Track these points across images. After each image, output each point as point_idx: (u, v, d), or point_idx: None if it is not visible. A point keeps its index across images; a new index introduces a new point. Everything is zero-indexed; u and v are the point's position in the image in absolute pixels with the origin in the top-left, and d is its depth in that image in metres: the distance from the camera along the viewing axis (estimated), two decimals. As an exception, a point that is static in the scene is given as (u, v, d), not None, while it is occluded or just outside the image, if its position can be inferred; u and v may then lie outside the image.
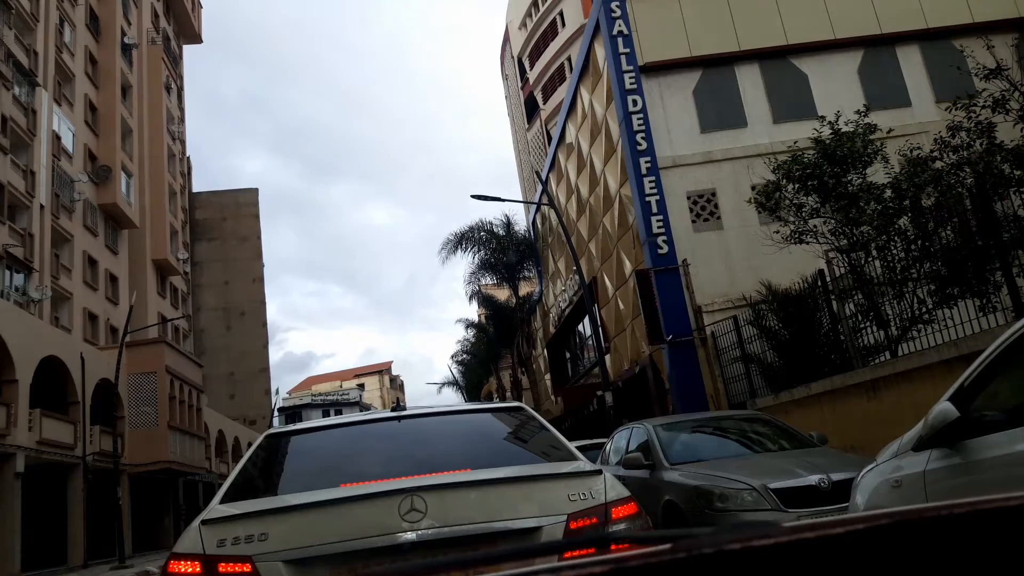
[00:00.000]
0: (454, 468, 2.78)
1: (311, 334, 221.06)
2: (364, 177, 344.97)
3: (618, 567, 0.62)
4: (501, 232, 32.36)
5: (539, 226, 30.63)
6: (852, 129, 11.29)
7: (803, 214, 12.09)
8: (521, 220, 33.93)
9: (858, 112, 11.63)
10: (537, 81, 48.69)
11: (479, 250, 32.49)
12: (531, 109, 51.01)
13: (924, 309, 10.05)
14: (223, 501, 2.78)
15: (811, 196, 11.82)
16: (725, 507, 5.40)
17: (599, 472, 2.79)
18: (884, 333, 10.74)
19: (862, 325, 11.14)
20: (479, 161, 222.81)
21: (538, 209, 30.08)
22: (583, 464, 2.92)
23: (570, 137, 22.81)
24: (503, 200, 18.51)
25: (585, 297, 17.05)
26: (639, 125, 16.69)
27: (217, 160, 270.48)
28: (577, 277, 23.51)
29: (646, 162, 16.50)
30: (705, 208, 16.73)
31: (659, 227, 16.16)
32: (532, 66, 49.84)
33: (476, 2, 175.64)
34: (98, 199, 36.93)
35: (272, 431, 3.53)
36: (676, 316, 15.67)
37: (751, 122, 17.37)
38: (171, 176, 50.01)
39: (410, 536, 2.43)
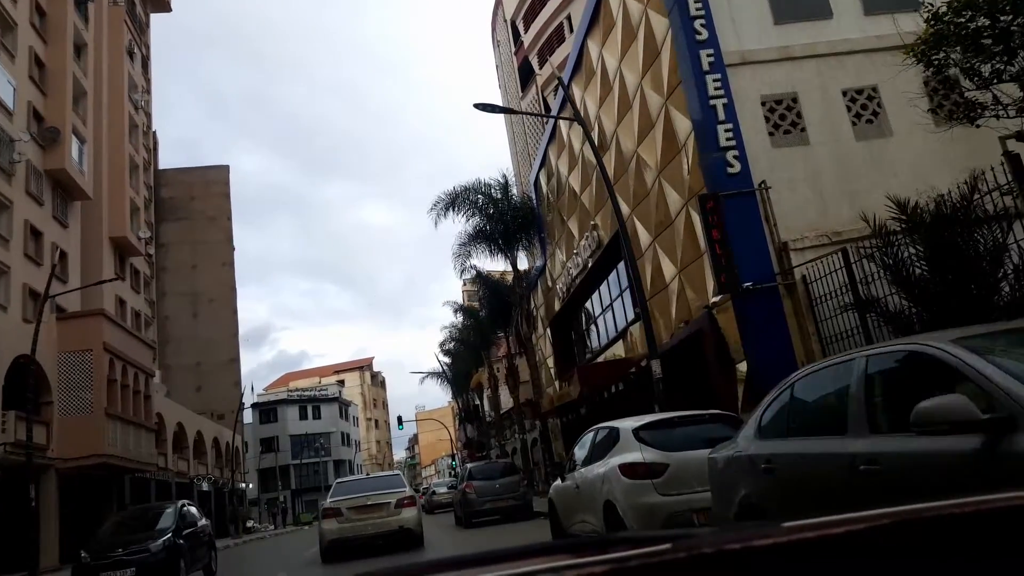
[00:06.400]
0: (379, 489, 13.44)
1: (305, 333, 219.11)
2: (359, 177, 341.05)
3: (618, 567, 0.62)
4: (499, 195, 28.23)
5: (542, 186, 26.55)
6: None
7: (977, 79, 8.20)
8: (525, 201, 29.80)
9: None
10: (532, 44, 44.66)
11: (474, 214, 28.32)
12: (525, 76, 46.97)
13: None
14: (331, 497, 13.49)
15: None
16: None
17: (405, 489, 13.62)
18: None
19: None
20: (477, 158, 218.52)
21: (543, 163, 25.98)
22: (405, 488, 13.72)
23: (592, 58, 18.71)
24: (514, 112, 14.46)
25: (621, 236, 12.95)
26: (697, 9, 12.69)
27: (215, 157, 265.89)
28: (596, 234, 19.50)
29: (708, 56, 12.52)
30: (785, 118, 12.76)
31: (728, 139, 12.18)
32: (527, 29, 45.83)
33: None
34: (44, 164, 32.80)
35: (338, 481, 14.98)
36: (752, 256, 11.70)
37: (837, 12, 13.43)
38: (133, 148, 45.81)
39: (368, 503, 12.88)
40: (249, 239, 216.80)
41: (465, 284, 58.19)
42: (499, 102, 57.56)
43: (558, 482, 9.21)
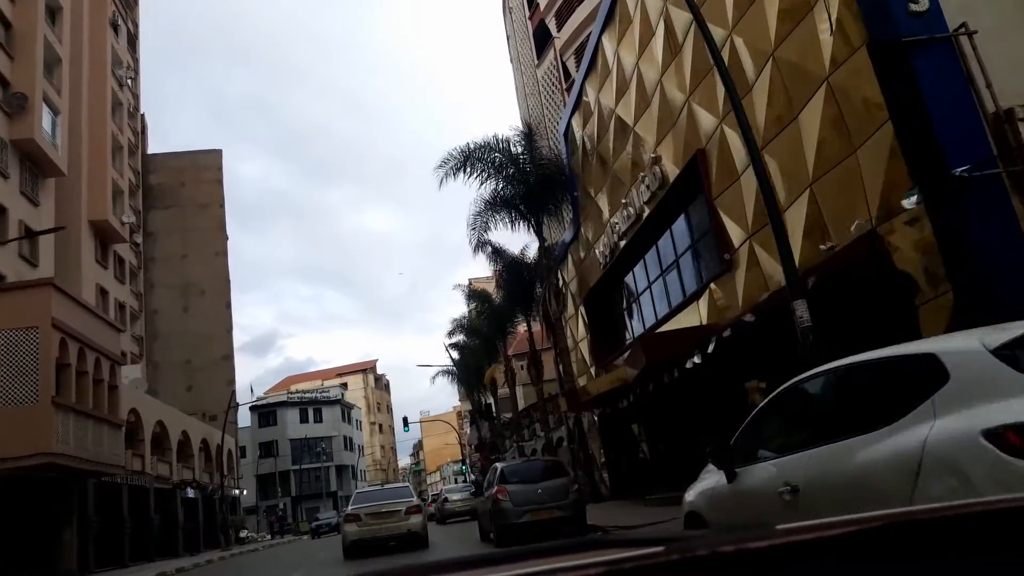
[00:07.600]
0: (391, 498, 15.74)
1: (311, 339, 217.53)
2: (361, 182, 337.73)
3: (613, 568, 0.62)
4: (520, 150, 24.11)
5: (575, 134, 22.43)
6: None
7: None
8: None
9: None
10: (550, 5, 40.66)
11: (489, 176, 24.18)
12: (541, 42, 42.96)
13: None
14: (352, 505, 15.94)
15: None
16: None
17: (413, 499, 15.90)
18: None
19: None
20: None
21: (577, 105, 21.87)
22: (413, 497, 16.06)
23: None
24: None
25: (738, 117, 8.74)
26: None
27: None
28: (658, 170, 15.42)
29: None
30: (981, -60, 8.69)
31: (908, -38, 8.10)
32: (544, -11, 41.86)
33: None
34: (10, 133, 29.14)
35: (358, 491, 18.81)
36: (956, 132, 7.61)
37: None
38: (116, 127, 42.03)
39: (382, 510, 15.04)
40: (252, 245, 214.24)
41: (472, 283, 54.18)
42: (511, 77, 53.58)
43: (710, 482, 5.10)
